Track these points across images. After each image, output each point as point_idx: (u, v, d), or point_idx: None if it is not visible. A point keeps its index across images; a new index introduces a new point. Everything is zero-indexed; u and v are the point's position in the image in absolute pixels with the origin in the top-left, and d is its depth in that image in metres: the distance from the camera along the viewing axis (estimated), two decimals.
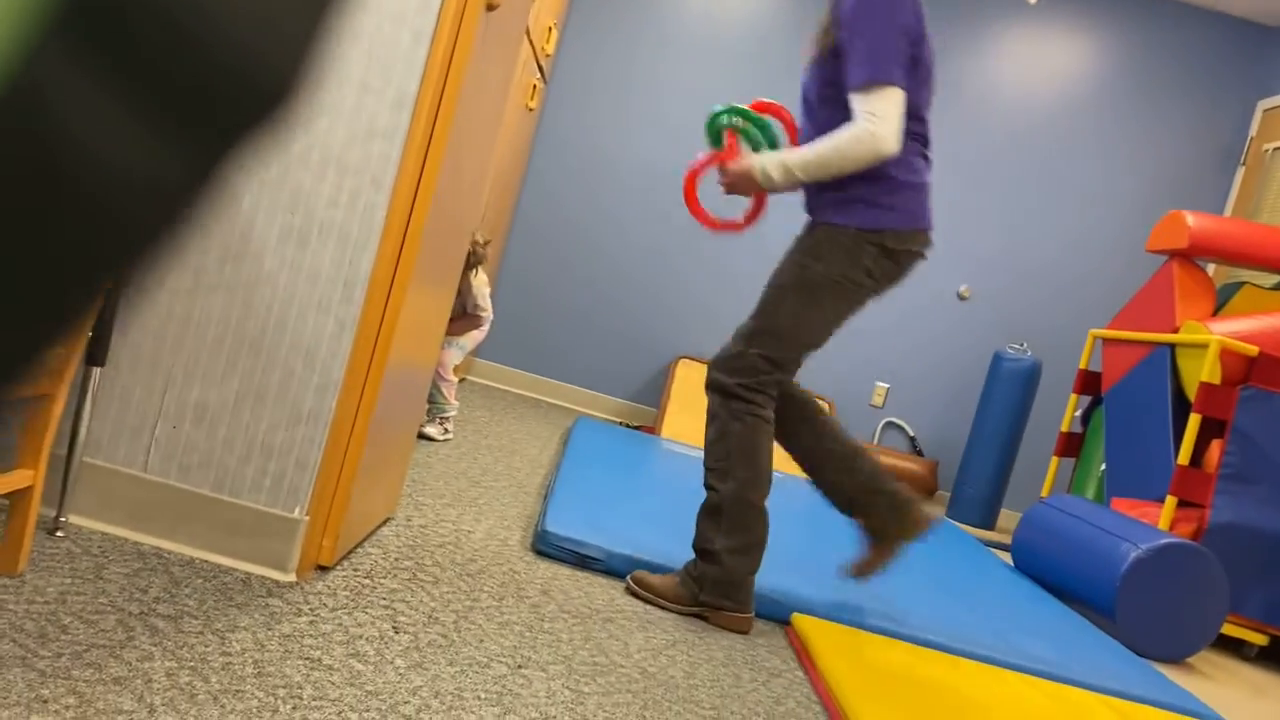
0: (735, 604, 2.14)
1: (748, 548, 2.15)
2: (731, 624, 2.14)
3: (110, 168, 0.25)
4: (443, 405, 3.22)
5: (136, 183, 0.26)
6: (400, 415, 2.05)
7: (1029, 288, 5.31)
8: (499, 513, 2.56)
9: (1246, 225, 3.90)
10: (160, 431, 1.73)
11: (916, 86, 2.12)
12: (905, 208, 2.14)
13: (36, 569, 1.49)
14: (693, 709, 1.67)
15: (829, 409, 5.08)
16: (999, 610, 2.83)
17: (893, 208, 2.12)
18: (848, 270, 2.14)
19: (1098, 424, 4.15)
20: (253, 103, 0.27)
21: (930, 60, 2.16)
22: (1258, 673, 3.23)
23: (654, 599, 2.17)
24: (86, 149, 0.24)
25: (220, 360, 1.73)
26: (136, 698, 1.22)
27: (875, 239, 2.12)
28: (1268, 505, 3.27)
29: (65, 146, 0.24)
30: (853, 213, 2.13)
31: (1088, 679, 2.36)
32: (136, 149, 0.25)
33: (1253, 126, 5.22)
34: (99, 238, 0.26)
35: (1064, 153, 5.29)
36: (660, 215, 5.20)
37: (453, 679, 1.52)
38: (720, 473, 2.15)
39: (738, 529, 2.14)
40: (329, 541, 1.78)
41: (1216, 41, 5.28)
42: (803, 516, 3.47)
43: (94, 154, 0.24)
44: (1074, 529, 3.29)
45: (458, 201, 2.05)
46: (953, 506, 4.94)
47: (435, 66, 1.72)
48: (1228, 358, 3.39)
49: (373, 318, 1.74)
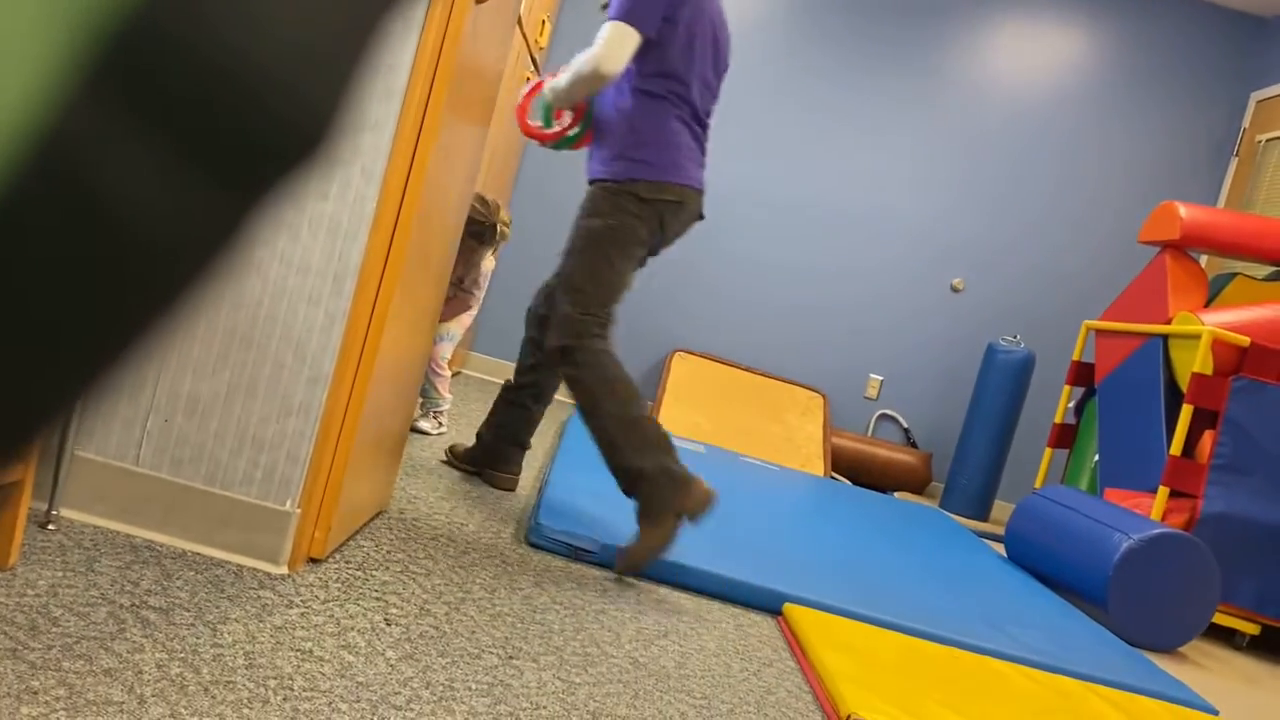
0: (691, 499, 2.22)
1: (661, 452, 2.26)
2: (698, 504, 2.22)
3: (149, 214, 0.25)
4: (436, 400, 3.22)
5: (174, 232, 0.25)
6: (392, 407, 2.05)
7: (1022, 279, 5.31)
8: (492, 505, 2.56)
9: (1239, 216, 3.91)
10: (151, 424, 1.73)
11: (678, 51, 2.38)
12: (656, 162, 2.39)
13: (27, 562, 1.49)
14: (684, 699, 1.68)
15: (823, 402, 5.09)
16: (992, 600, 2.84)
17: (644, 161, 2.39)
18: (619, 219, 2.40)
19: (1091, 415, 4.16)
20: (292, 148, 0.27)
21: (707, 34, 2.43)
22: (1249, 662, 3.24)
23: (652, 558, 2.22)
24: (125, 196, 0.24)
25: (211, 353, 1.73)
26: (127, 689, 1.22)
27: (630, 188, 2.39)
28: (1259, 495, 3.28)
29: (103, 197, 0.24)
30: (610, 168, 2.42)
31: (1080, 668, 2.37)
32: (174, 199, 0.25)
33: (1246, 118, 5.23)
34: (138, 284, 0.26)
35: (1057, 145, 5.29)
36: None
37: (444, 670, 1.52)
38: (595, 415, 2.30)
39: (642, 443, 2.26)
40: (320, 534, 1.78)
41: (1209, 33, 5.28)
42: (793, 507, 3.47)
43: (132, 201, 0.24)
44: (1067, 519, 3.30)
45: (449, 193, 2.04)
46: (947, 497, 4.95)
47: (425, 58, 1.72)
48: (1220, 348, 3.40)
49: (363, 310, 1.74)
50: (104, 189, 0.24)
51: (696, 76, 2.43)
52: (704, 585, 2.31)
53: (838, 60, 5.23)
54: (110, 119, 0.23)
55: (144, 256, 0.25)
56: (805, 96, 5.22)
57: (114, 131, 0.23)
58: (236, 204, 0.27)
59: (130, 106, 0.23)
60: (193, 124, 0.24)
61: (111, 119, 0.23)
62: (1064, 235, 5.31)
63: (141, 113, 0.24)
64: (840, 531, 3.25)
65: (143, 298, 0.26)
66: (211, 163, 0.25)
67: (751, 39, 5.19)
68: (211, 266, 0.27)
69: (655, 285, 5.22)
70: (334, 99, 0.27)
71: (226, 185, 0.26)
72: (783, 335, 5.28)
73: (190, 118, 0.24)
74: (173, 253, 0.26)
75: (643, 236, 2.43)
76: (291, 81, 0.26)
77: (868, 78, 5.24)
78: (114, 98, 0.23)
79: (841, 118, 5.25)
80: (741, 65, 5.17)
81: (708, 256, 5.24)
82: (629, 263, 2.46)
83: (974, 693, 2.01)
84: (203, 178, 0.25)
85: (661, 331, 5.25)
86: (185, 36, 0.24)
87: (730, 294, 5.25)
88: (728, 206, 5.22)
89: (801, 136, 5.23)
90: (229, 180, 0.26)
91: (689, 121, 2.45)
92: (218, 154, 0.25)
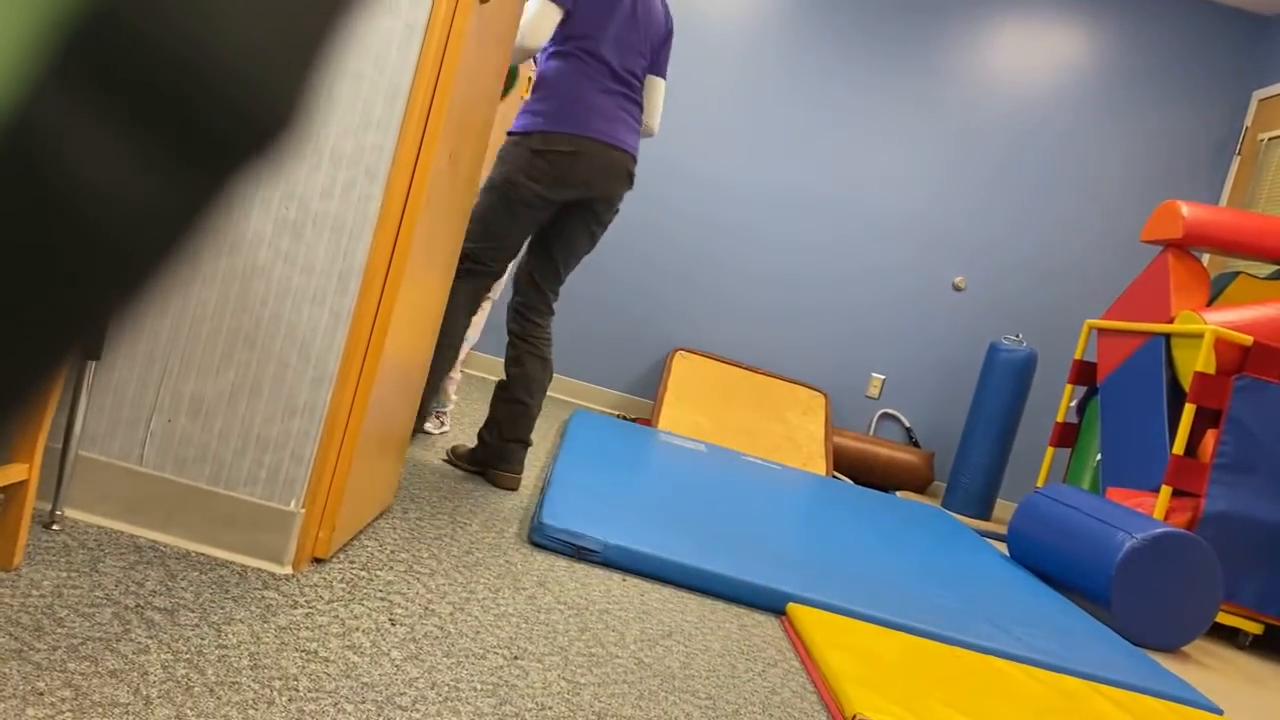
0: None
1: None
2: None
3: (110, 201, 0.25)
4: (442, 400, 3.21)
5: (137, 215, 0.26)
6: (396, 407, 2.05)
7: (1024, 278, 5.31)
8: (495, 505, 2.56)
9: (1241, 215, 3.90)
10: (155, 425, 1.73)
11: (590, 13, 2.56)
12: (553, 113, 2.53)
13: (32, 562, 1.49)
14: (689, 699, 1.68)
15: (825, 401, 5.09)
16: (995, 599, 2.84)
17: (541, 113, 2.54)
18: (511, 174, 2.56)
19: (1093, 414, 4.16)
20: (252, 135, 0.27)
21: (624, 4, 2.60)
22: (1252, 661, 3.24)
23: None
24: (86, 183, 0.25)
25: (215, 353, 1.73)
26: (132, 690, 1.22)
27: (525, 142, 2.54)
28: (1262, 494, 3.28)
29: (65, 181, 0.24)
30: (517, 122, 2.60)
31: (1083, 668, 2.37)
32: (137, 183, 0.26)
33: (1248, 116, 5.22)
34: (100, 270, 0.26)
35: (1059, 143, 5.29)
36: (656, 208, 5.20)
37: (449, 670, 1.52)
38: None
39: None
40: (325, 534, 1.78)
41: (1211, 31, 5.28)
42: (794, 507, 3.47)
43: (94, 188, 0.25)
44: (1069, 519, 3.30)
45: (452, 193, 2.04)
46: (949, 496, 4.95)
47: (429, 58, 1.72)
48: (1222, 347, 3.40)
49: (367, 310, 1.74)
50: (66, 175, 0.24)
51: (611, 36, 2.58)
52: (708, 585, 2.31)
53: (840, 59, 5.23)
54: (72, 108, 0.24)
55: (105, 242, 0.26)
56: (808, 96, 5.21)
57: (76, 119, 0.24)
58: (195, 191, 0.27)
59: (91, 96, 0.24)
60: (152, 113, 0.25)
61: (74, 108, 0.24)
62: (1066, 234, 5.30)
63: (103, 102, 0.24)
64: (842, 531, 3.25)
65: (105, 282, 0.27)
66: (171, 152, 0.26)
67: (755, 39, 5.19)
68: (172, 254, 0.28)
69: (657, 285, 5.22)
70: (292, 91, 0.28)
71: (186, 173, 0.27)
72: (784, 334, 5.28)
73: (149, 107, 0.25)
74: (132, 239, 0.26)
75: (536, 190, 2.56)
76: (249, 73, 0.26)
77: (871, 77, 5.24)
78: (76, 87, 0.24)
79: (844, 117, 5.24)
80: (737, 68, 5.17)
81: (709, 256, 5.24)
82: (517, 212, 2.60)
83: (978, 692, 2.00)
84: (162, 166, 0.26)
85: (662, 331, 5.24)
86: (145, 28, 0.24)
87: (731, 293, 5.25)
88: (731, 206, 5.22)
89: (804, 136, 5.23)
90: (188, 168, 0.27)
91: (602, 78, 2.58)
92: (177, 143, 0.26)
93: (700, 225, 5.21)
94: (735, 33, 5.20)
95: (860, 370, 5.32)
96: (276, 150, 0.28)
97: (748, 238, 5.25)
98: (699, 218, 5.22)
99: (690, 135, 5.20)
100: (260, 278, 1.72)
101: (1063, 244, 5.31)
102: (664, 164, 5.17)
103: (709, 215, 5.22)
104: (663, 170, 5.17)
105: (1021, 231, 5.30)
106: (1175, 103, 5.29)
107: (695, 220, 5.22)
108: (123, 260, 0.26)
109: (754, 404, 4.95)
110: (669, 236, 5.21)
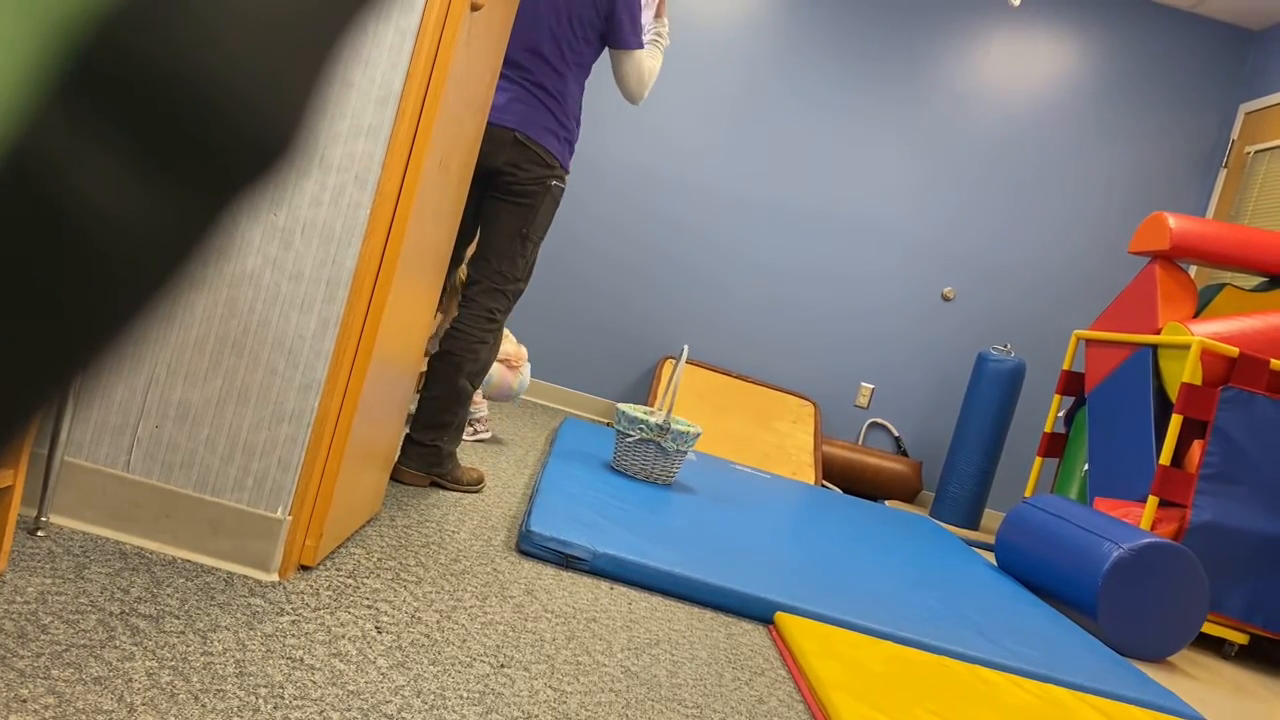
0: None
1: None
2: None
3: (113, 224, 0.25)
4: (474, 408, 3.33)
5: (139, 238, 0.26)
6: (384, 414, 2.04)
7: (1012, 289, 5.33)
8: (483, 513, 2.55)
9: (1228, 227, 3.93)
10: (142, 431, 1.72)
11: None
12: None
13: (16, 569, 1.48)
14: (676, 708, 1.67)
15: (814, 410, 5.10)
16: (982, 609, 2.84)
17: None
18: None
19: (1081, 424, 4.17)
20: (255, 158, 0.27)
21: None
22: (1238, 671, 3.25)
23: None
24: (90, 206, 0.25)
25: (203, 359, 1.72)
26: (116, 697, 1.21)
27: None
28: (1248, 505, 3.29)
29: (69, 205, 0.24)
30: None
31: (1069, 677, 2.38)
32: (139, 206, 0.26)
33: (1235, 129, 5.26)
34: (102, 291, 0.26)
35: (1047, 155, 5.32)
36: (646, 216, 5.20)
37: (435, 678, 1.52)
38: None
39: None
40: (311, 541, 1.77)
41: (1199, 44, 5.32)
42: (784, 516, 3.48)
43: (97, 211, 0.25)
44: (1057, 529, 3.31)
45: (442, 200, 2.04)
46: (937, 506, 4.96)
47: (420, 64, 1.72)
48: (1209, 359, 3.42)
49: (356, 316, 1.74)
50: (70, 195, 0.24)
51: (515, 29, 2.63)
52: (696, 594, 2.31)
53: (830, 68, 5.25)
54: (76, 131, 0.24)
55: (109, 261, 0.26)
56: (797, 105, 5.23)
57: (79, 143, 0.24)
58: (198, 214, 0.27)
59: (95, 119, 0.24)
60: (155, 136, 0.25)
61: (77, 131, 0.24)
62: (1054, 245, 5.33)
63: (106, 125, 0.24)
64: (831, 540, 3.25)
65: (109, 301, 0.27)
66: (174, 175, 0.26)
67: (746, 46, 5.21)
68: (175, 273, 0.28)
69: (648, 292, 5.22)
70: (294, 113, 0.28)
71: (189, 196, 0.27)
72: (774, 343, 5.29)
73: (152, 130, 0.25)
74: (136, 258, 0.26)
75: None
76: (252, 94, 0.26)
77: (861, 86, 5.26)
78: (80, 110, 0.24)
79: (833, 126, 5.26)
80: (733, 73, 5.19)
81: (699, 264, 5.24)
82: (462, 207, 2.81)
83: (965, 702, 2.01)
84: (165, 189, 0.26)
85: (652, 339, 5.25)
86: (149, 51, 0.24)
87: (721, 302, 5.26)
88: (721, 215, 5.23)
89: (793, 146, 5.24)
90: (191, 191, 0.27)
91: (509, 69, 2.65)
92: (179, 163, 0.26)
93: (690, 234, 5.22)
94: (722, 44, 5.22)
95: (850, 379, 5.33)
96: (279, 170, 0.28)
97: (738, 247, 5.26)
98: (688, 226, 5.23)
99: (677, 145, 5.21)
100: (249, 284, 1.72)
101: (1051, 254, 5.33)
102: (654, 174, 5.18)
103: (698, 224, 5.23)
104: (651, 179, 5.18)
105: (1010, 242, 5.32)
106: (1163, 115, 5.33)
107: (685, 229, 5.23)
108: (125, 282, 0.26)
109: (744, 412, 4.96)
110: (658, 245, 5.21)
